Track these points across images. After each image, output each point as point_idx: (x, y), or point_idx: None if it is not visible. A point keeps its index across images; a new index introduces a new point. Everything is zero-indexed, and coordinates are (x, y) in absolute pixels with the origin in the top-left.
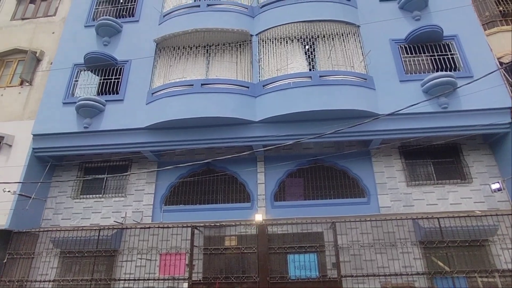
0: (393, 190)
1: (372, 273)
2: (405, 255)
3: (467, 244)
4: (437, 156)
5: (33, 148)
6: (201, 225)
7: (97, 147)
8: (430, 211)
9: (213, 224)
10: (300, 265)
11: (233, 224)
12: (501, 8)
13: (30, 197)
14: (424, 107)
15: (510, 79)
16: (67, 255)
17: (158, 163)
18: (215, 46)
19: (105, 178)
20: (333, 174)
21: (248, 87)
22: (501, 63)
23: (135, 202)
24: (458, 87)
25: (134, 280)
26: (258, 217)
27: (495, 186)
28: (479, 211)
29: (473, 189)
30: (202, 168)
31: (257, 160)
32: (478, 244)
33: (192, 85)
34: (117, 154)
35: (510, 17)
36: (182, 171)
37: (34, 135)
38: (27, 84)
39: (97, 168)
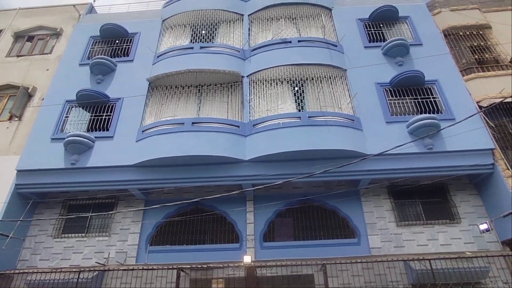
0: (383, 231)
1: None
2: None
3: (459, 287)
4: (425, 196)
5: (16, 184)
6: (187, 267)
7: (83, 184)
8: (421, 252)
9: (200, 266)
10: None
11: (221, 266)
12: (476, 56)
13: (8, 236)
14: (410, 147)
15: (490, 122)
16: None
17: (145, 201)
18: (207, 86)
19: (89, 217)
20: (323, 214)
21: (238, 126)
22: (480, 107)
23: (120, 241)
24: (442, 129)
25: None
26: (247, 259)
27: (483, 226)
28: (469, 252)
29: (462, 229)
30: (190, 207)
31: (246, 200)
32: (471, 287)
33: (183, 123)
34: (104, 191)
35: (486, 64)
36: (169, 210)
37: (18, 170)
38: (16, 119)
39: (81, 205)
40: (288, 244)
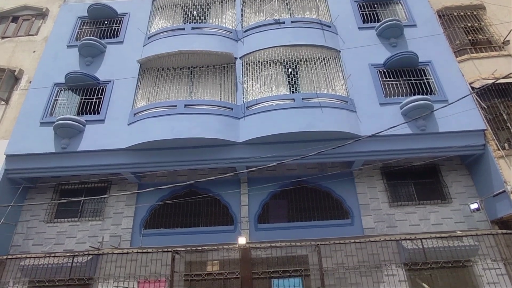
0: (376, 211)
1: None
2: (390, 277)
3: (450, 265)
4: (417, 177)
5: (6, 169)
6: (182, 249)
7: (75, 169)
8: (413, 232)
9: (194, 249)
10: None
11: (216, 248)
12: (470, 37)
13: None
14: (403, 129)
15: (482, 103)
16: (37, 284)
17: (138, 184)
18: (199, 68)
19: (82, 201)
20: (317, 195)
21: (232, 109)
22: (472, 88)
23: (113, 225)
24: (434, 110)
25: None
26: (241, 240)
27: (474, 206)
28: (459, 231)
29: (453, 209)
30: (184, 190)
31: (240, 182)
32: (461, 264)
33: (175, 106)
34: (96, 175)
35: (479, 45)
36: (163, 193)
37: (7, 155)
38: (2, 103)
39: (73, 190)
40: (283, 225)
